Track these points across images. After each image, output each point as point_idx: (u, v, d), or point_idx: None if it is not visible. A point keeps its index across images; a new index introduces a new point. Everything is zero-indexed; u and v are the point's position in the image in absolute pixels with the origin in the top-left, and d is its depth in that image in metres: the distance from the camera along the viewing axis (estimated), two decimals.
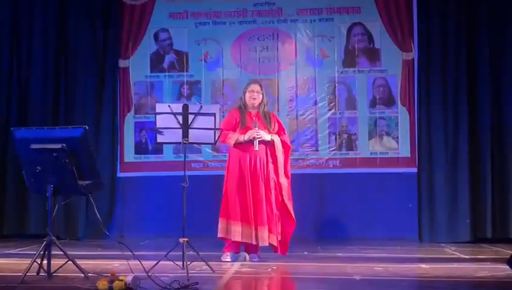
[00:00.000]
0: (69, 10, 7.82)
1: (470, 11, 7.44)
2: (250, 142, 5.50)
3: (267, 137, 5.55)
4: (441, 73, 7.43)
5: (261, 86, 5.74)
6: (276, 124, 5.71)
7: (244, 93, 5.72)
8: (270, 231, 5.49)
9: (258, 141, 5.49)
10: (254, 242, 5.48)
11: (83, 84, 7.78)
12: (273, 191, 5.57)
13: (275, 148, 5.61)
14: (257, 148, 5.48)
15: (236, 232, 5.47)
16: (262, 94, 5.69)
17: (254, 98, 5.64)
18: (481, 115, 7.35)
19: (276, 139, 5.63)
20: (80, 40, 7.80)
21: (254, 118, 5.61)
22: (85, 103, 7.77)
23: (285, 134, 5.76)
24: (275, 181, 5.60)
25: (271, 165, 5.60)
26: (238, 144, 5.55)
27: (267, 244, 5.51)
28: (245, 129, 5.54)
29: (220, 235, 5.55)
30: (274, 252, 5.61)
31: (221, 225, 5.54)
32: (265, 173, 5.55)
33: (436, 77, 7.44)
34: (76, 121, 7.59)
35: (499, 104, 7.35)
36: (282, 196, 5.62)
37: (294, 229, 5.69)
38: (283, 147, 5.67)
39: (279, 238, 5.62)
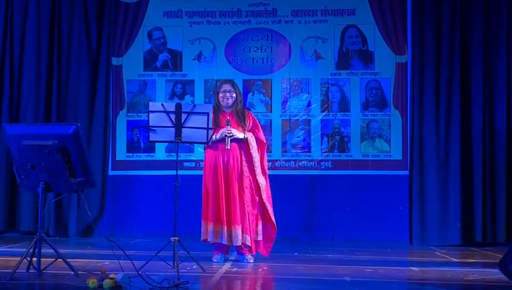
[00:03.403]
0: (63, 7, 7.78)
1: (464, 15, 7.47)
2: (223, 141, 5.45)
3: (239, 135, 5.50)
4: (434, 76, 7.45)
5: (233, 85, 5.69)
6: (251, 121, 5.64)
7: (218, 93, 5.67)
8: (243, 231, 5.44)
9: (230, 139, 5.45)
10: (225, 242, 5.42)
11: (76, 81, 7.75)
12: (247, 190, 5.51)
13: (248, 146, 5.56)
14: (228, 147, 5.42)
15: (211, 233, 5.43)
16: (236, 93, 5.63)
17: (227, 98, 5.59)
18: (473, 119, 7.38)
19: (250, 136, 5.57)
20: (73, 37, 7.77)
21: (227, 117, 5.57)
22: (78, 100, 7.74)
23: (260, 131, 5.68)
24: (250, 179, 5.54)
25: (245, 163, 5.54)
26: (212, 144, 5.47)
27: (240, 244, 5.45)
28: (218, 128, 5.48)
29: (202, 237, 5.50)
30: (248, 252, 5.54)
31: (202, 227, 5.51)
32: (238, 171, 5.50)
33: (429, 80, 7.46)
34: (68, 118, 7.58)
35: (491, 108, 7.38)
36: (260, 195, 5.57)
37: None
38: (258, 144, 5.62)
39: (260, 238, 5.58)
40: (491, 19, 7.43)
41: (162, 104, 5.08)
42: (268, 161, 7.02)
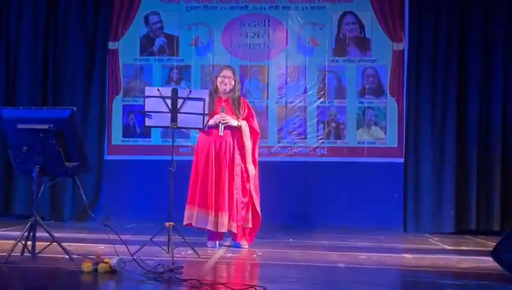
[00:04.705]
0: None
1: (462, 3, 7.45)
2: (217, 127, 5.44)
3: (233, 122, 5.49)
4: (430, 64, 7.46)
5: (234, 72, 5.68)
6: (246, 110, 5.63)
7: (216, 78, 5.65)
8: (230, 218, 5.43)
9: (224, 126, 5.44)
10: (210, 227, 5.40)
11: (72, 65, 7.73)
12: (238, 178, 5.50)
13: (242, 134, 5.55)
14: (221, 133, 5.42)
15: (196, 218, 5.42)
16: (235, 80, 5.61)
17: (225, 84, 5.57)
18: (469, 107, 7.40)
19: (244, 124, 5.56)
20: (69, 20, 7.74)
21: (223, 103, 5.55)
22: (74, 84, 7.72)
23: (254, 120, 5.67)
24: (242, 167, 5.53)
25: (237, 151, 5.53)
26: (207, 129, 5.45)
27: (226, 230, 5.45)
28: (213, 114, 5.46)
29: (185, 222, 5.48)
30: (233, 239, 5.55)
31: (187, 211, 5.49)
32: (230, 158, 5.49)
33: (426, 68, 7.46)
34: (64, 102, 7.55)
35: (487, 96, 7.40)
36: (249, 183, 5.56)
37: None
38: (251, 133, 5.61)
39: (250, 225, 5.56)
40: (489, 7, 7.41)
41: (158, 89, 5.06)
42: (264, 147, 7.04)
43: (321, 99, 7.78)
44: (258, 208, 5.59)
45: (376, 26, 7.73)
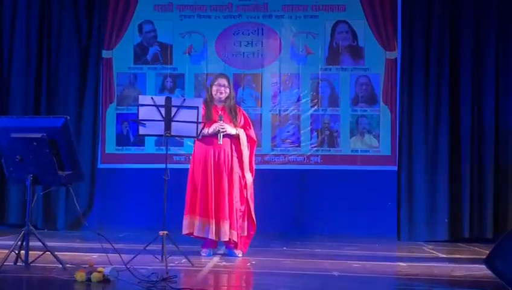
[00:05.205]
0: None
1: (454, 13, 7.49)
2: (215, 135, 5.44)
3: (231, 130, 5.50)
4: (423, 73, 7.48)
5: (228, 80, 5.68)
6: (242, 118, 5.65)
7: (211, 86, 5.65)
8: (231, 227, 5.43)
9: (223, 134, 5.44)
10: (212, 237, 5.39)
11: (66, 74, 7.72)
12: (237, 186, 5.51)
13: (239, 142, 5.56)
14: (221, 142, 5.43)
15: (197, 227, 5.41)
16: (230, 88, 5.63)
17: (221, 93, 5.57)
18: (462, 116, 7.42)
19: (242, 133, 5.58)
20: (63, 29, 7.73)
21: (220, 112, 5.56)
22: (67, 93, 7.71)
23: (251, 128, 5.69)
24: (239, 175, 5.54)
25: (236, 159, 5.54)
26: (202, 138, 5.45)
27: (227, 239, 5.44)
28: (210, 123, 5.45)
29: (184, 231, 5.48)
30: (233, 248, 5.53)
31: (185, 221, 5.47)
32: (229, 166, 5.50)
33: (419, 77, 7.49)
34: (58, 110, 7.54)
35: (479, 105, 7.43)
36: (246, 191, 5.57)
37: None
38: (248, 141, 5.62)
39: (245, 233, 5.58)
40: (480, 17, 7.46)
41: (152, 98, 5.07)
42: (257, 155, 7.04)
43: (314, 108, 7.80)
44: (253, 215, 5.60)
45: (369, 35, 7.76)
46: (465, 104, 7.41)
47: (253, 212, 5.60)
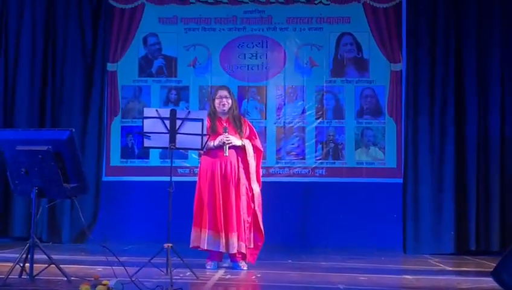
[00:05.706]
0: (58, 12, 7.78)
1: (459, 24, 7.50)
2: (221, 147, 5.44)
3: (237, 142, 5.50)
4: (428, 85, 7.47)
5: (229, 91, 5.68)
6: (248, 129, 5.66)
7: (213, 100, 5.66)
8: (239, 238, 5.42)
9: (228, 146, 5.44)
10: (222, 250, 5.39)
11: (71, 86, 7.74)
12: (244, 197, 5.50)
13: (246, 153, 5.55)
14: (227, 154, 5.42)
15: (205, 240, 5.40)
16: (231, 98, 5.63)
17: (223, 104, 5.58)
18: (468, 127, 7.40)
19: (247, 144, 5.58)
20: (68, 42, 7.76)
21: (224, 124, 5.56)
22: (72, 106, 7.73)
23: (256, 138, 5.70)
24: (246, 187, 5.54)
25: (242, 171, 5.53)
26: (208, 150, 5.46)
27: (236, 251, 5.43)
28: (215, 135, 5.46)
29: (192, 244, 5.47)
30: (242, 259, 5.52)
31: (193, 234, 5.47)
32: (236, 178, 5.49)
33: (424, 89, 7.48)
34: (63, 123, 7.55)
35: (485, 116, 7.41)
36: (254, 203, 5.56)
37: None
38: (255, 151, 5.62)
39: (251, 245, 5.56)
40: (484, 29, 7.46)
41: (157, 110, 5.08)
42: (262, 167, 7.03)
43: (319, 120, 7.79)
44: (262, 226, 5.58)
45: (373, 47, 7.76)
46: (470, 115, 7.39)
47: (261, 223, 5.59)
